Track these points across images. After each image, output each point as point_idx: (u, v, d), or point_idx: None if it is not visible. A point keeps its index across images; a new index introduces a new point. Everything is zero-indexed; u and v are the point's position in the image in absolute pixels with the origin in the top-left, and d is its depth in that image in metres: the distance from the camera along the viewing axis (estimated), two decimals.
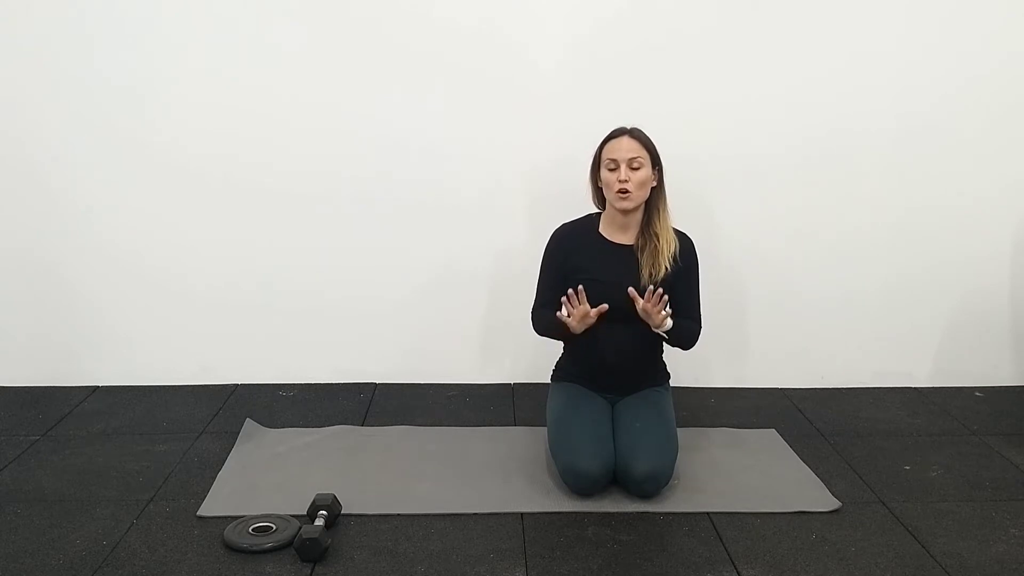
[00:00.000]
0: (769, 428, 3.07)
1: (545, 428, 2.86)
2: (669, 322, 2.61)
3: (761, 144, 3.30)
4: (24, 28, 3.14)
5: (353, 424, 3.09)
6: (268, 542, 2.25)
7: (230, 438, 2.93)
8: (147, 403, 3.26)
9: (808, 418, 3.20)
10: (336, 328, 3.43)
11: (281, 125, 3.24)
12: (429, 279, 3.39)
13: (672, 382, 3.40)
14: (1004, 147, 3.36)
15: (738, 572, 2.19)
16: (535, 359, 3.17)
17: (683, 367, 3.42)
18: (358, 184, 3.29)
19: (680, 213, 3.31)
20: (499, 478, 2.66)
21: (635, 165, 2.61)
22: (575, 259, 2.72)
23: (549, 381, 2.87)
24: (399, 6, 3.17)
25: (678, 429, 2.70)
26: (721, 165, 3.31)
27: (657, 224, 2.68)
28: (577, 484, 2.51)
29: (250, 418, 3.06)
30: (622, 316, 2.59)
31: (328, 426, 3.05)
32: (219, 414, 3.16)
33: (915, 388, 3.50)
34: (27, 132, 3.22)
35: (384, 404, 3.28)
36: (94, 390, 3.37)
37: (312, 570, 2.17)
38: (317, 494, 2.39)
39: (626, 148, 2.62)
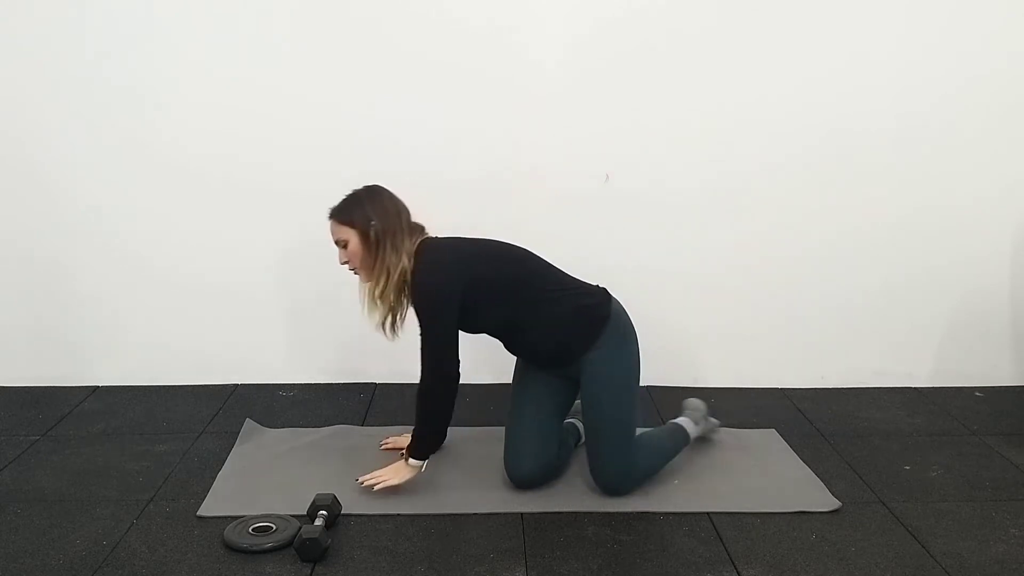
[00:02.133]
0: (769, 428, 3.06)
1: None
2: (413, 461, 2.50)
3: (761, 143, 3.30)
4: (24, 28, 3.14)
5: (353, 424, 3.09)
6: (268, 542, 2.25)
7: (230, 438, 2.93)
8: (147, 403, 3.26)
9: (808, 418, 3.20)
10: (336, 328, 3.43)
11: (281, 125, 3.23)
12: None
13: (672, 382, 3.41)
14: (1004, 147, 3.35)
15: (738, 572, 2.19)
16: None
17: (683, 367, 3.44)
18: (358, 184, 3.28)
19: (681, 211, 3.33)
20: (499, 478, 2.65)
21: (343, 244, 2.51)
22: None
23: None
24: (399, 6, 3.17)
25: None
26: (721, 164, 3.31)
27: (373, 290, 2.50)
28: (517, 485, 2.59)
29: (250, 418, 3.06)
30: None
31: (328, 426, 3.05)
32: (219, 414, 3.16)
33: (915, 388, 3.50)
34: (27, 132, 3.22)
35: (384, 404, 3.28)
36: (94, 390, 3.37)
37: (312, 570, 2.17)
38: (317, 494, 2.39)
39: (331, 231, 2.53)
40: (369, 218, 2.49)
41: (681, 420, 2.82)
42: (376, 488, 2.49)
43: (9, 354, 3.38)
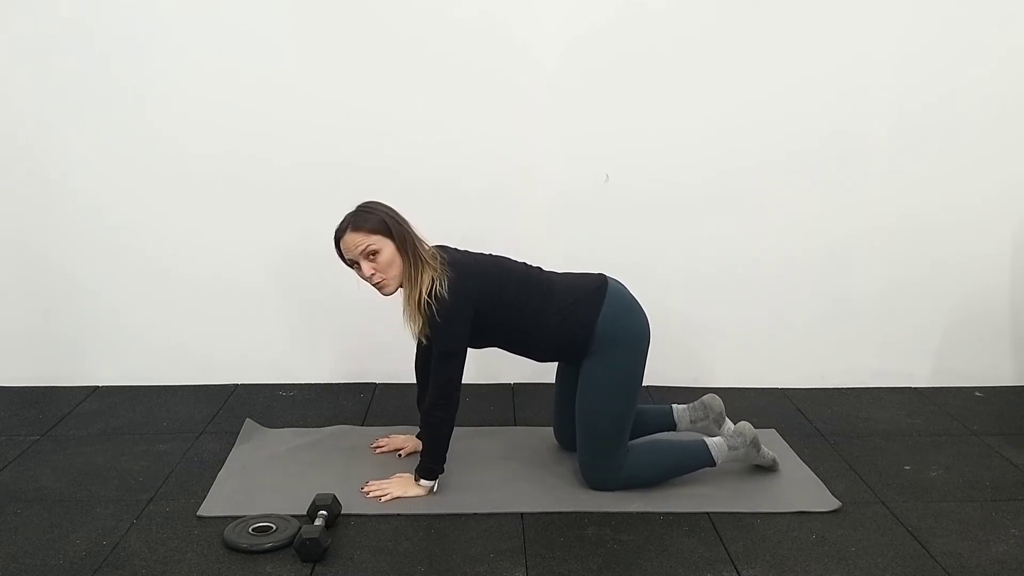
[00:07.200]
0: (769, 428, 3.06)
1: (544, 428, 2.94)
2: (424, 481, 2.52)
3: (761, 143, 3.30)
4: (24, 28, 3.13)
5: (353, 424, 3.09)
6: (268, 542, 2.25)
7: (230, 438, 2.93)
8: (147, 403, 3.26)
9: (808, 418, 3.20)
10: (336, 328, 3.43)
11: (281, 124, 3.23)
12: None
13: (672, 382, 3.41)
14: (1004, 147, 3.35)
15: (738, 572, 2.19)
16: None
17: (683, 367, 3.44)
18: (359, 184, 3.26)
19: (681, 212, 3.33)
20: (499, 478, 2.66)
21: (371, 254, 2.43)
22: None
23: (552, 380, 2.86)
24: (399, 5, 3.17)
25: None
26: (721, 165, 3.31)
27: (412, 297, 2.43)
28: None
29: (250, 418, 3.07)
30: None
31: (328, 426, 3.05)
32: (219, 414, 3.16)
33: (915, 388, 3.50)
34: (26, 130, 3.21)
35: (384, 404, 3.28)
36: (94, 390, 3.37)
37: (312, 570, 2.17)
38: (317, 494, 2.39)
39: (352, 245, 2.44)
40: (399, 223, 2.45)
41: (714, 440, 2.63)
42: (383, 500, 2.49)
43: (9, 354, 3.38)
